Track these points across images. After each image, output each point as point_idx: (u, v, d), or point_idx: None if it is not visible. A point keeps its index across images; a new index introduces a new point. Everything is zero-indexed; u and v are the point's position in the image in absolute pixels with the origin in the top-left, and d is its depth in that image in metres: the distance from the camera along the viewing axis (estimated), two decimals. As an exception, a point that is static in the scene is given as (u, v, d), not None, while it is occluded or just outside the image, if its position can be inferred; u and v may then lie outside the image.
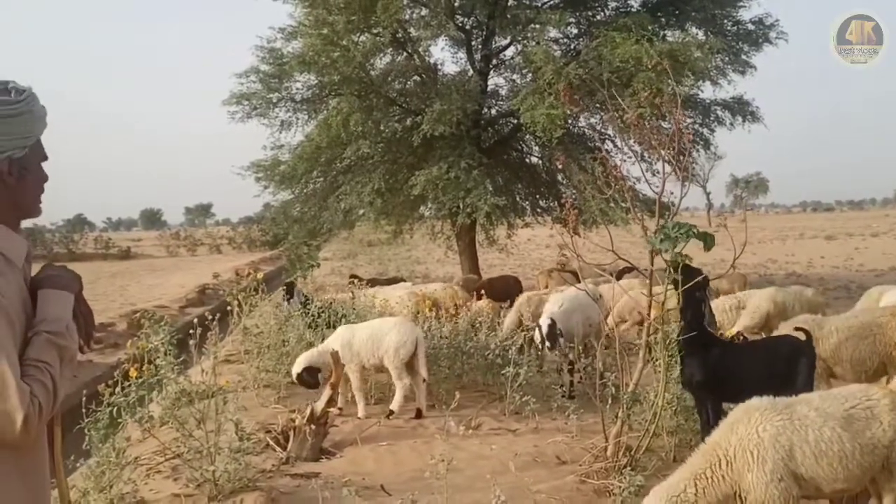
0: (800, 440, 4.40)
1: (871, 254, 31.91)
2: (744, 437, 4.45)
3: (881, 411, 4.53)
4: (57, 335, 2.14)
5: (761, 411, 4.54)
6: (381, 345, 7.97)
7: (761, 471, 4.35)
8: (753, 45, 18.94)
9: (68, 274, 2.33)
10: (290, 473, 6.31)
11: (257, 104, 17.93)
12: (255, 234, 48.64)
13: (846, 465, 4.39)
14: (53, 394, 2.09)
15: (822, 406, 4.55)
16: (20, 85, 2.24)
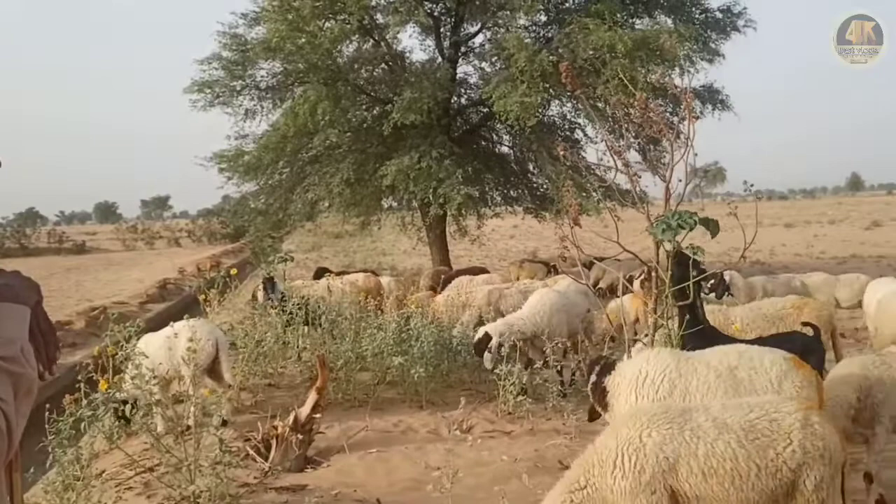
0: (687, 453, 3.88)
1: (830, 241, 32.36)
2: (624, 442, 3.96)
3: (791, 428, 3.93)
4: (9, 360, 1.66)
5: (650, 416, 4.06)
6: (176, 352, 7.09)
7: (636, 480, 3.86)
8: (722, 33, 18.84)
9: (22, 282, 1.86)
10: (274, 487, 5.87)
11: (220, 92, 17.32)
12: (215, 227, 47.65)
13: (740, 486, 3.85)
14: (8, 435, 1.62)
15: (721, 416, 4.01)
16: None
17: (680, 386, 4.66)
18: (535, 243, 37.69)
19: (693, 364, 4.78)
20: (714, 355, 4.89)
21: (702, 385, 4.66)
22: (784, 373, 4.65)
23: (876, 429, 5.22)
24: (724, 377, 4.66)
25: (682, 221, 5.48)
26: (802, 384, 4.65)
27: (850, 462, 6.07)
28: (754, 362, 4.74)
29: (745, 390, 4.61)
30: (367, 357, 8.17)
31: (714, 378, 4.66)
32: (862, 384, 5.22)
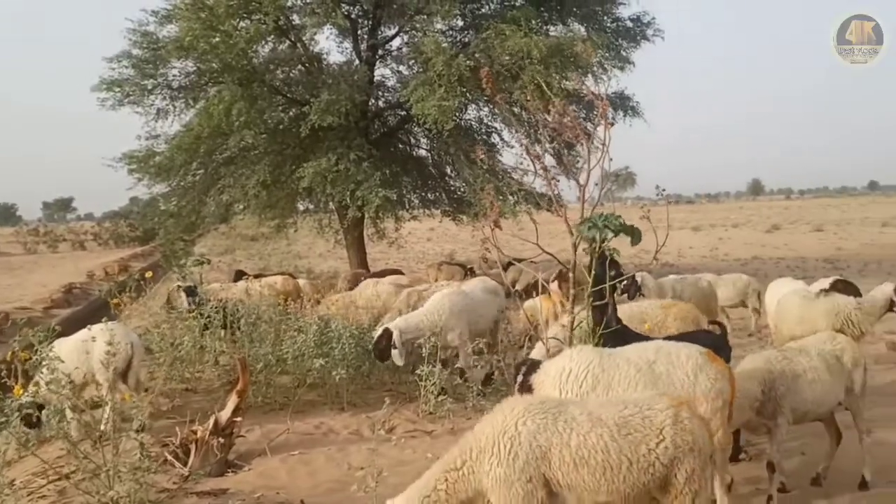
0: (560, 443, 4.04)
1: (733, 243, 33.74)
2: (500, 429, 4.11)
3: (663, 424, 4.10)
4: None
5: (527, 405, 4.22)
6: (93, 355, 6.91)
7: (510, 467, 4.01)
8: (632, 42, 19.44)
9: None
10: (194, 492, 5.79)
11: (130, 91, 16.77)
12: (123, 230, 46.08)
13: (610, 478, 4.02)
14: None
15: (596, 410, 4.19)
16: None
17: (603, 381, 4.84)
18: (451, 246, 37.99)
19: (615, 360, 4.96)
20: (634, 351, 5.09)
21: (623, 380, 4.84)
22: (699, 366, 4.88)
23: (778, 420, 5.53)
24: (643, 372, 4.85)
25: (609, 223, 5.70)
26: (716, 377, 4.88)
27: (754, 453, 6.45)
28: (671, 357, 4.96)
29: (663, 384, 4.82)
30: (288, 360, 8.11)
31: (634, 373, 4.85)
32: (766, 378, 5.52)
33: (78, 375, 6.60)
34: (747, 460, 6.33)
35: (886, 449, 6.38)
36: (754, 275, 20.58)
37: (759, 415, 5.50)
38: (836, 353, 5.86)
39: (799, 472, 6.12)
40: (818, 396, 5.65)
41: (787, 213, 68.70)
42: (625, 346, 5.27)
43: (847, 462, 6.00)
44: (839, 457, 6.02)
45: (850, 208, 72.75)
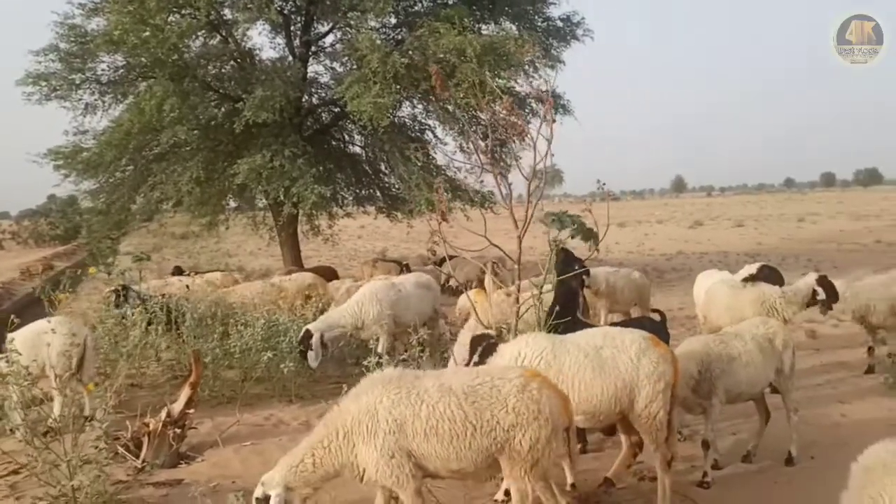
0: (412, 415, 4.22)
1: (658, 239, 34.77)
2: (362, 408, 4.30)
3: (509, 392, 4.27)
4: None
5: (385, 382, 4.40)
6: (42, 349, 6.86)
7: (372, 445, 4.20)
8: (562, 41, 19.91)
9: None
10: (150, 482, 5.84)
11: (57, 85, 16.34)
12: (43, 229, 44.50)
13: (458, 445, 4.21)
14: None
15: (447, 381, 4.38)
16: None
17: (555, 366, 5.10)
18: (383, 243, 38.05)
19: (565, 346, 5.24)
20: (582, 337, 5.39)
21: (573, 364, 5.12)
22: (642, 350, 5.19)
23: (713, 400, 5.90)
24: (591, 357, 5.14)
25: (572, 219, 6.02)
26: (658, 360, 5.19)
27: (689, 434, 6.83)
28: (616, 342, 5.27)
29: (609, 367, 5.11)
30: (236, 354, 8.16)
31: (583, 358, 5.14)
32: (703, 359, 5.89)
33: (35, 367, 6.54)
34: (683, 440, 6.70)
35: (809, 428, 6.84)
36: (680, 269, 21.49)
37: (695, 393, 5.86)
38: (769, 336, 6.28)
39: (731, 451, 6.53)
40: (752, 378, 6.06)
41: (709, 209, 71.04)
42: (575, 333, 5.56)
43: (774, 440, 6.42)
44: (767, 435, 6.45)
45: (768, 205, 75.70)
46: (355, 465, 4.29)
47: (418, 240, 33.62)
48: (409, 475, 4.21)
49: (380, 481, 4.27)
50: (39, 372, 6.73)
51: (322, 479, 4.38)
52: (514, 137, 8.20)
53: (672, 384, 5.26)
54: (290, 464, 4.34)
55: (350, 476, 4.41)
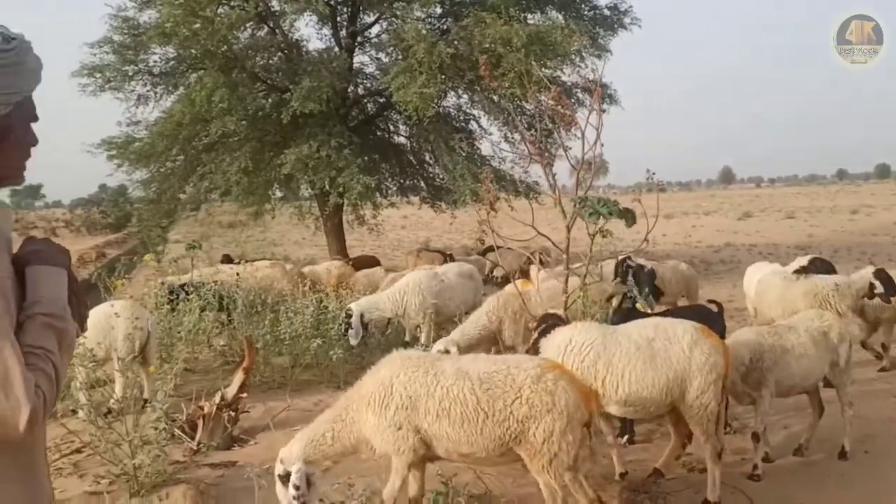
0: (426, 394, 4.32)
1: (706, 231, 34.32)
2: (379, 382, 4.44)
3: (522, 383, 4.28)
4: (55, 318, 1.85)
5: (404, 359, 4.55)
6: (108, 333, 7.02)
7: (382, 415, 4.33)
8: (609, 30, 19.71)
9: (56, 247, 2.02)
10: (206, 463, 6.00)
11: (111, 77, 16.74)
12: (95, 217, 45.55)
13: (470, 429, 4.25)
14: (56, 384, 1.83)
15: (465, 366, 4.44)
16: (10, 31, 1.90)
17: (604, 357, 5.11)
18: (426, 233, 38.17)
19: (616, 337, 5.24)
20: (634, 328, 5.37)
21: (623, 356, 5.11)
22: (694, 342, 5.16)
23: (762, 391, 5.84)
24: (642, 348, 5.13)
25: (609, 207, 5.97)
26: (711, 352, 5.16)
27: (739, 426, 6.78)
28: (668, 333, 5.24)
29: (661, 360, 5.10)
30: (285, 340, 8.31)
31: (634, 349, 5.13)
32: (756, 349, 5.83)
33: (100, 350, 6.76)
34: (732, 433, 6.65)
35: (863, 422, 6.74)
36: (728, 261, 21.21)
37: (744, 382, 5.81)
38: (824, 330, 6.17)
39: (783, 444, 6.46)
40: (805, 370, 5.98)
41: (758, 200, 69.79)
42: (627, 324, 5.55)
43: (827, 434, 6.34)
44: (820, 428, 6.37)
45: (820, 196, 74.08)
46: (364, 439, 4.44)
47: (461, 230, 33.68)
48: (411, 447, 4.32)
49: (381, 448, 4.40)
50: (104, 354, 6.94)
51: (340, 452, 4.54)
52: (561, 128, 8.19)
53: (724, 375, 5.23)
54: (309, 437, 4.49)
55: (366, 452, 4.55)
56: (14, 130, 1.93)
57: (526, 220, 6.95)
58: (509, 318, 7.80)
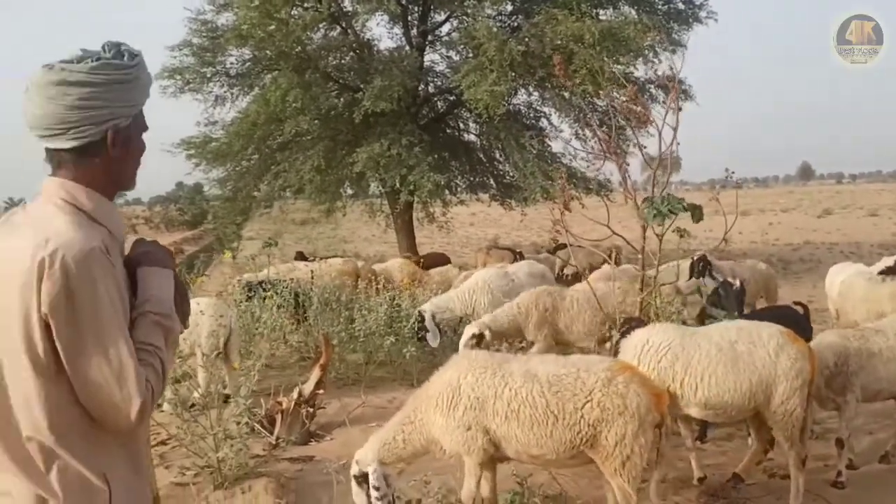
0: (493, 395, 4.30)
1: (784, 229, 33.34)
2: (446, 383, 4.44)
3: (593, 386, 4.23)
4: (163, 316, 1.99)
5: (471, 360, 4.55)
6: (193, 329, 7.08)
7: (451, 416, 4.33)
8: (684, 24, 19.33)
9: (163, 249, 2.16)
10: (285, 458, 6.14)
11: (190, 78, 17.28)
12: (172, 214, 47.05)
13: (539, 432, 4.21)
14: (163, 379, 1.97)
15: (534, 368, 4.40)
16: (132, 48, 2.04)
17: (682, 358, 5.02)
18: (494, 230, 38.11)
19: (696, 339, 5.14)
20: (715, 330, 5.27)
21: (703, 358, 5.00)
22: (780, 346, 5.02)
23: (847, 396, 5.66)
24: (724, 351, 5.01)
25: (673, 207, 5.84)
26: (797, 356, 5.01)
27: (821, 431, 6.59)
28: (752, 336, 5.10)
29: (744, 363, 4.98)
30: (360, 338, 8.42)
31: (716, 352, 5.02)
32: (841, 352, 5.65)
33: (186, 346, 7.00)
34: (815, 438, 6.47)
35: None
36: (808, 260, 20.61)
37: (828, 387, 5.64)
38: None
39: (868, 451, 6.25)
40: (893, 375, 5.76)
41: (839, 197, 67.19)
42: (708, 326, 5.44)
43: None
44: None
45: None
46: (433, 439, 4.47)
47: (530, 227, 33.52)
48: (480, 447, 4.33)
49: (451, 449, 4.43)
50: (188, 350, 7.17)
51: (412, 454, 4.60)
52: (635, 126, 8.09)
53: (810, 381, 5.09)
54: (382, 439, 4.56)
55: (437, 453, 4.58)
56: (133, 141, 2.08)
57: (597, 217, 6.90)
58: (538, 314, 7.80)
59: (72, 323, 1.80)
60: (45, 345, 1.81)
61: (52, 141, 1.96)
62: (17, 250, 1.83)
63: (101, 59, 1.96)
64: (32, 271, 1.79)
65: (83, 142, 1.95)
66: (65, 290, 1.79)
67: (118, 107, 1.98)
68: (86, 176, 1.98)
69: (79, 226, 1.89)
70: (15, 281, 1.81)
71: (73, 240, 1.83)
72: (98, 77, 1.94)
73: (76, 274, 1.80)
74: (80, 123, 1.93)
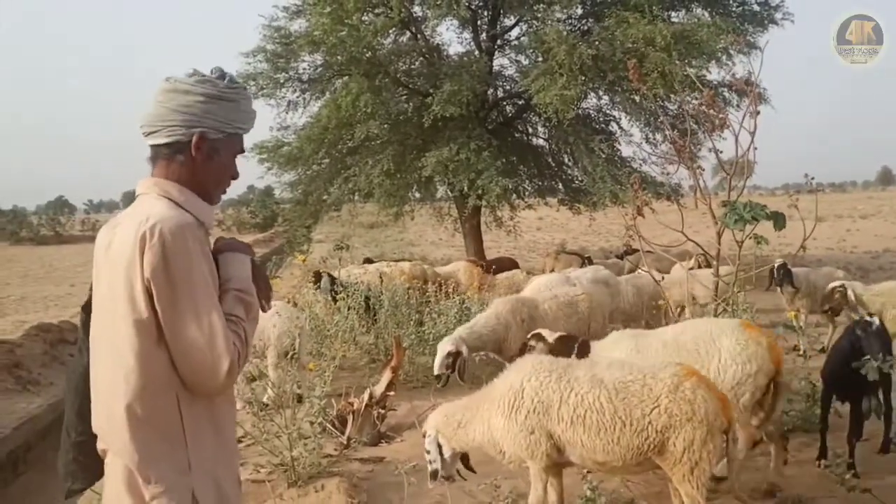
0: (559, 399, 4.29)
1: (862, 236, 32.22)
2: (508, 386, 4.46)
3: (660, 392, 4.22)
4: (244, 292, 2.28)
5: (535, 363, 4.54)
6: (263, 331, 7.35)
7: (513, 419, 4.35)
8: (759, 26, 18.88)
9: (240, 242, 2.46)
10: (356, 458, 6.24)
11: (264, 84, 17.65)
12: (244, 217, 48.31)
13: (606, 438, 4.19)
14: (246, 345, 2.23)
15: (600, 373, 4.38)
16: (237, 78, 2.37)
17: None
18: (562, 235, 37.89)
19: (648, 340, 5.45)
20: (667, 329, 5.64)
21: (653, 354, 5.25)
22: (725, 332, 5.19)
23: None
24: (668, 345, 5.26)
25: (755, 213, 5.74)
26: (747, 343, 5.10)
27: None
28: (698, 328, 5.32)
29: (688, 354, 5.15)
30: (430, 341, 8.49)
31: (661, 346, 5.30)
32: None
33: (260, 346, 7.21)
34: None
35: None
36: (888, 268, 19.85)
37: None
38: None
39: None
40: None
41: (925, 203, 64.62)
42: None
43: None
44: None
45: None
46: (493, 441, 4.52)
47: (598, 232, 33.21)
48: (545, 452, 4.35)
49: (514, 453, 4.45)
50: (262, 351, 7.37)
51: (465, 442, 4.69)
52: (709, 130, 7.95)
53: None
54: (445, 412, 4.74)
55: (493, 453, 4.64)
56: (219, 154, 2.35)
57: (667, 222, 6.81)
58: (517, 325, 7.67)
59: (170, 288, 2.08)
60: (149, 311, 2.09)
61: (151, 137, 2.30)
62: (123, 234, 2.16)
63: (206, 77, 2.30)
64: (136, 244, 2.09)
65: (173, 139, 2.28)
66: (163, 258, 2.08)
67: (209, 118, 2.28)
68: (174, 173, 2.30)
69: (173, 208, 2.21)
70: (122, 258, 2.12)
71: (169, 216, 2.14)
72: (198, 89, 2.27)
73: (172, 243, 2.09)
74: (174, 123, 2.26)
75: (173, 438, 2.15)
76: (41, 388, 9.02)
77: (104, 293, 2.20)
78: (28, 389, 8.90)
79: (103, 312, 2.20)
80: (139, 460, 2.11)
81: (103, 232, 2.28)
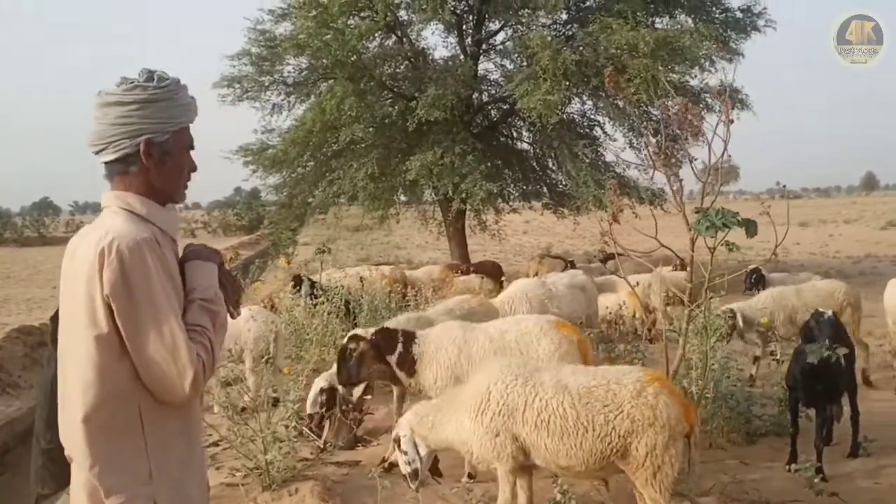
0: (524, 403, 4.36)
1: (845, 241, 32.47)
2: (477, 387, 4.54)
3: (623, 398, 4.27)
4: (208, 301, 2.28)
5: (503, 367, 4.62)
6: (239, 335, 7.35)
7: (479, 421, 4.42)
8: (741, 33, 19.05)
9: (209, 249, 2.46)
10: (332, 462, 6.27)
11: (248, 87, 17.67)
12: (230, 219, 48.18)
13: (569, 442, 4.25)
14: (212, 355, 2.24)
15: (565, 378, 4.45)
16: (166, 74, 2.33)
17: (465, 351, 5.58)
18: (548, 239, 38.01)
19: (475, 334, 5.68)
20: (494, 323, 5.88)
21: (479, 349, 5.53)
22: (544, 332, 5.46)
23: None
24: (495, 341, 5.53)
25: (726, 220, 5.76)
26: (560, 342, 5.45)
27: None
28: (520, 325, 5.64)
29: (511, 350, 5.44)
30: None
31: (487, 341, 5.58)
32: None
33: (236, 350, 7.23)
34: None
35: None
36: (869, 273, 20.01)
37: None
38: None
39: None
40: None
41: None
42: None
43: None
44: None
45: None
46: (463, 442, 4.58)
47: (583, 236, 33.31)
48: (511, 455, 4.41)
49: (480, 454, 4.52)
50: (238, 355, 7.39)
51: (436, 442, 4.74)
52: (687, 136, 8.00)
53: None
54: (417, 412, 4.78)
55: (462, 453, 4.73)
56: (172, 154, 2.35)
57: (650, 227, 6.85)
58: None
59: (130, 303, 2.09)
60: (109, 326, 2.10)
61: (101, 155, 2.30)
62: (84, 248, 2.17)
63: (133, 82, 2.28)
64: (95, 260, 2.10)
65: (121, 154, 2.28)
66: (122, 273, 2.09)
67: (150, 123, 2.27)
68: (132, 185, 2.30)
69: (132, 222, 2.21)
70: (83, 273, 2.13)
71: (127, 232, 2.15)
72: (129, 97, 2.25)
73: (130, 259, 2.10)
74: (117, 137, 2.26)
75: (134, 448, 2.17)
76: (21, 390, 9.02)
77: (69, 304, 2.21)
78: (7, 392, 8.90)
79: (68, 324, 2.22)
80: (99, 471, 2.13)
81: (73, 241, 2.30)
